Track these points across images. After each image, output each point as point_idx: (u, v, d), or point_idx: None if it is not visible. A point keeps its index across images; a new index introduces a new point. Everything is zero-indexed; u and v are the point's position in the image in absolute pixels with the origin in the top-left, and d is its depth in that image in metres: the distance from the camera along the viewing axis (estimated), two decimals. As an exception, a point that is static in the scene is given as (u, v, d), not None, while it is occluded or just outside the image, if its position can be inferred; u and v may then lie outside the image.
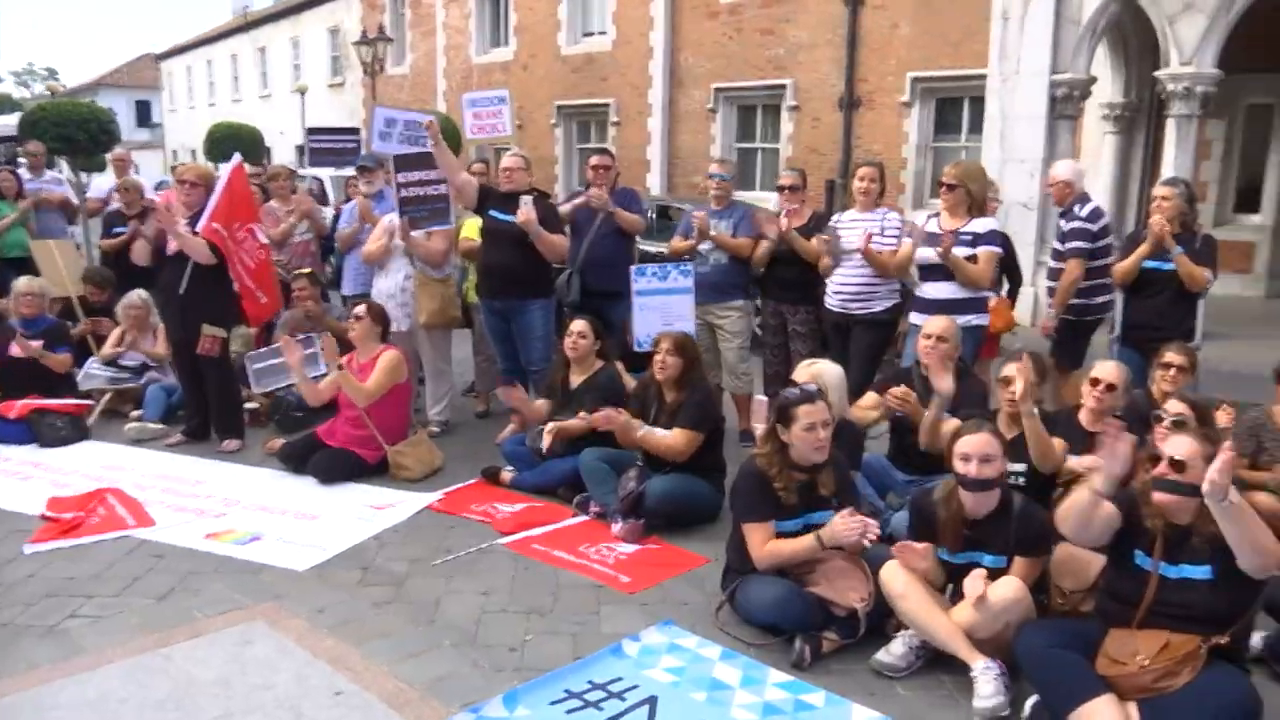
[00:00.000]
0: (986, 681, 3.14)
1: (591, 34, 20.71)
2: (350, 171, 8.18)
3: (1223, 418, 4.36)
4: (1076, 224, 5.67)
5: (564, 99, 21.08)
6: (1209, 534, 2.90)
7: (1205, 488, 2.77)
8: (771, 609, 3.59)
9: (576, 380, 5.37)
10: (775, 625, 3.59)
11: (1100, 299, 5.79)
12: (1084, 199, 5.86)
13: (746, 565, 3.75)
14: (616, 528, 4.64)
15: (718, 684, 3.32)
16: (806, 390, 3.79)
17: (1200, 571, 2.95)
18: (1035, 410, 4.03)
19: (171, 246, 5.75)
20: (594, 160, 6.37)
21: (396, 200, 6.04)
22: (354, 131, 10.02)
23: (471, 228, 6.46)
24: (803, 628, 3.49)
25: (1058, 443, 4.15)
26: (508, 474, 5.39)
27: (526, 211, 5.63)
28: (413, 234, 6.05)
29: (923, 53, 15.43)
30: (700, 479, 4.78)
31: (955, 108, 15.66)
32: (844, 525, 3.49)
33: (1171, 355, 4.58)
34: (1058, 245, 5.85)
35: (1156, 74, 10.51)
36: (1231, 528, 2.80)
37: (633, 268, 5.93)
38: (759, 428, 4.19)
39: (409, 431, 5.80)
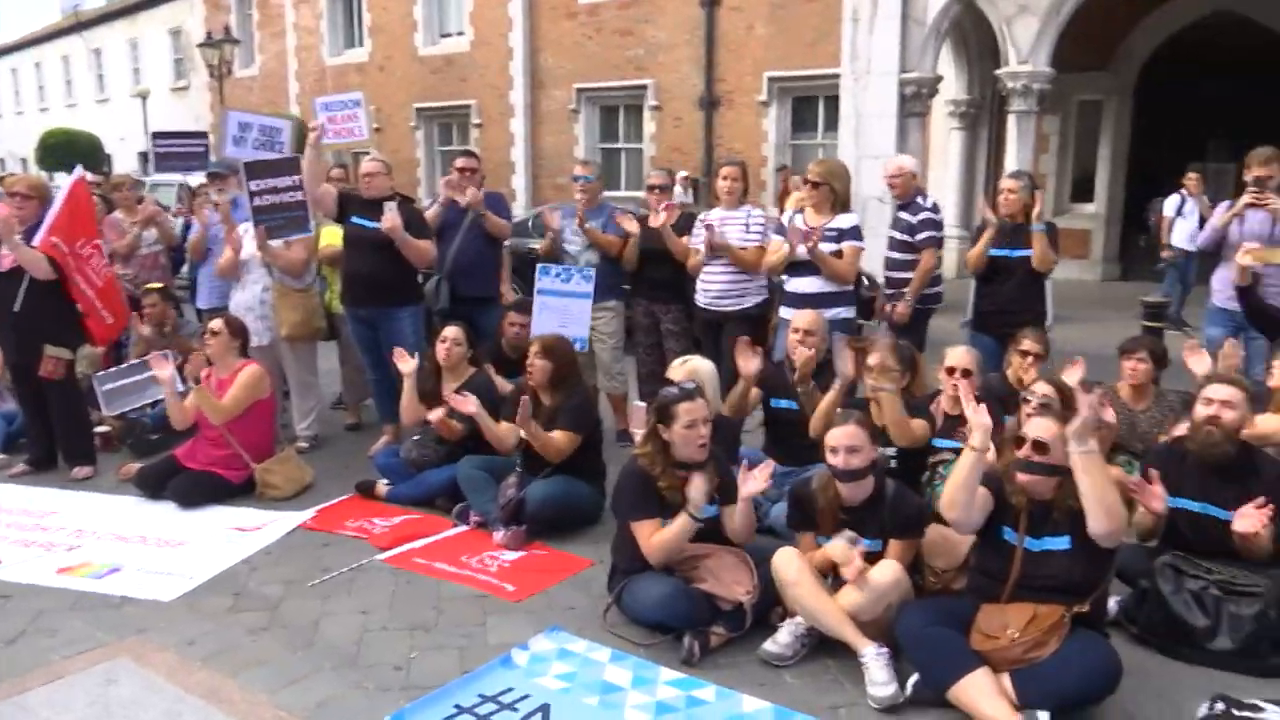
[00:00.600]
0: (879, 668, 3.22)
1: (449, 35, 20.41)
2: (200, 179, 7.79)
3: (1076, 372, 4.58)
4: (925, 215, 5.88)
5: (423, 101, 20.70)
6: (1067, 508, 3.08)
7: (1072, 429, 2.95)
8: (659, 607, 3.60)
9: (449, 388, 5.26)
10: (663, 623, 3.60)
11: (935, 289, 6.07)
12: (922, 192, 6.10)
13: (632, 565, 3.75)
14: (498, 536, 4.57)
15: (609, 687, 3.31)
16: (685, 388, 3.82)
17: (1060, 543, 3.12)
18: (893, 389, 4.19)
19: (4, 262, 5.34)
20: (459, 162, 6.26)
21: (250, 209, 5.78)
22: (202, 135, 9.57)
23: (332, 235, 6.26)
24: (690, 624, 3.51)
25: (919, 423, 4.32)
26: (383, 487, 5.24)
27: (391, 218, 5.48)
28: (270, 243, 5.81)
29: (778, 53, 15.85)
30: (580, 481, 4.75)
31: (811, 106, 16.14)
32: (696, 487, 3.58)
33: (1028, 343, 4.82)
34: (900, 236, 6.01)
35: (997, 73, 11.09)
36: (1087, 479, 2.98)
37: (539, 266, 5.88)
38: (638, 431, 4.20)
39: (276, 448, 5.56)
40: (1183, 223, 10.19)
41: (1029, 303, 5.50)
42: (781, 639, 3.47)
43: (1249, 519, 3.50)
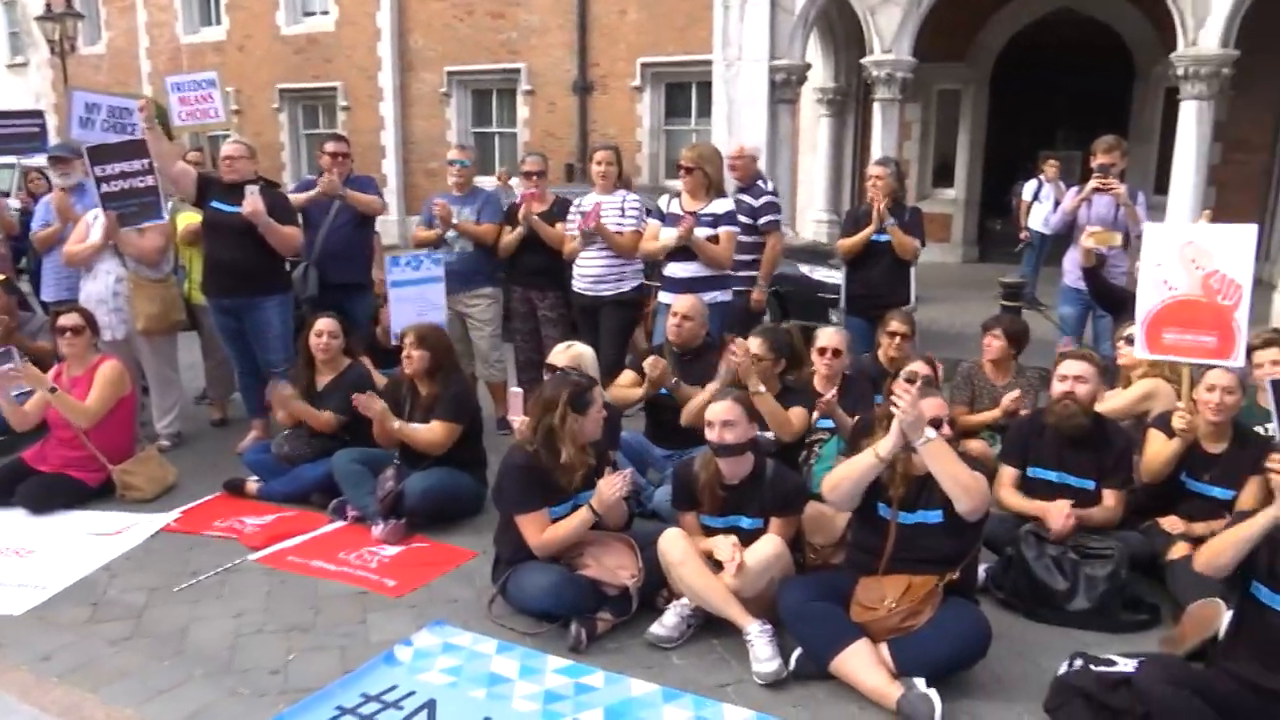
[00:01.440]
0: (764, 645, 3.29)
1: (312, 13, 19.64)
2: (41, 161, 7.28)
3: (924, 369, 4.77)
4: (767, 199, 5.93)
5: (287, 82, 19.87)
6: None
7: (907, 426, 3.06)
8: (544, 596, 3.58)
9: (324, 380, 5.10)
10: (550, 612, 3.58)
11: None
12: (762, 175, 6.21)
13: (517, 555, 3.72)
14: (377, 530, 4.45)
15: (496, 678, 3.28)
16: (586, 375, 3.86)
17: (933, 516, 3.25)
18: (762, 387, 4.25)
19: None
20: (329, 147, 6.04)
21: (98, 195, 5.44)
22: (37, 115, 8.91)
23: (191, 218, 5.96)
24: (577, 611, 3.51)
25: (797, 413, 4.41)
26: (253, 484, 5.03)
27: (253, 202, 5.24)
28: (122, 231, 5.48)
29: (651, 38, 15.89)
30: (461, 472, 4.68)
31: (684, 92, 16.26)
32: (609, 485, 3.59)
33: (896, 324, 5.00)
34: (742, 219, 5.81)
35: (862, 61, 11.40)
36: (936, 465, 3.11)
37: (388, 257, 5.71)
38: (516, 419, 4.16)
39: (136, 448, 5.27)
40: (1039, 207, 10.73)
41: (896, 286, 5.71)
42: (668, 621, 3.50)
43: (1057, 518, 3.81)
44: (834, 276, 7.93)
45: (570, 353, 4.52)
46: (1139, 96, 13.83)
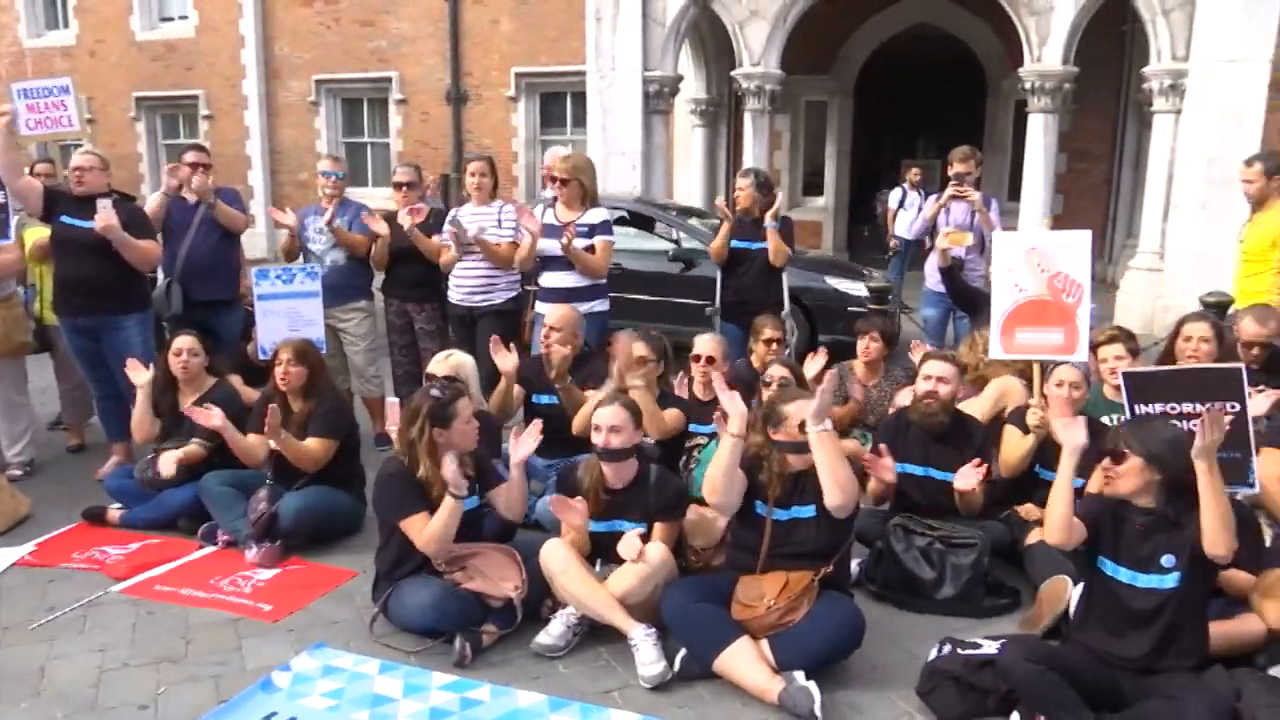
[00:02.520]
0: (648, 648, 3.33)
1: (170, 19, 18.83)
2: None
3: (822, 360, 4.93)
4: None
5: (144, 90, 18.98)
6: (814, 478, 3.30)
7: (811, 410, 3.18)
8: (427, 612, 3.53)
9: (187, 401, 4.89)
10: (433, 628, 3.53)
11: None
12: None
13: (397, 572, 3.66)
14: (251, 554, 4.31)
15: (380, 699, 3.22)
16: (453, 384, 3.81)
17: (806, 511, 3.35)
18: (641, 383, 4.33)
19: None
20: (189, 157, 5.81)
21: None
22: None
23: (38, 233, 5.64)
24: (461, 626, 3.48)
25: (671, 414, 4.49)
26: (115, 512, 4.79)
27: (106, 216, 4.98)
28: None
29: (524, 48, 15.87)
30: (338, 490, 4.57)
31: (559, 102, 16.29)
32: (447, 468, 3.52)
33: (768, 329, 5.15)
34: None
35: (733, 74, 11.68)
36: (823, 454, 3.21)
37: (255, 270, 5.52)
38: (394, 429, 4.10)
39: (-19, 479, 4.95)
40: (904, 214, 11.19)
41: (768, 291, 5.86)
42: (554, 630, 3.51)
43: (967, 477, 3.93)
44: (860, 289, 7.94)
45: (450, 362, 4.48)
46: (992, 109, 14.60)
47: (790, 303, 6.09)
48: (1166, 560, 2.95)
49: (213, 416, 4.43)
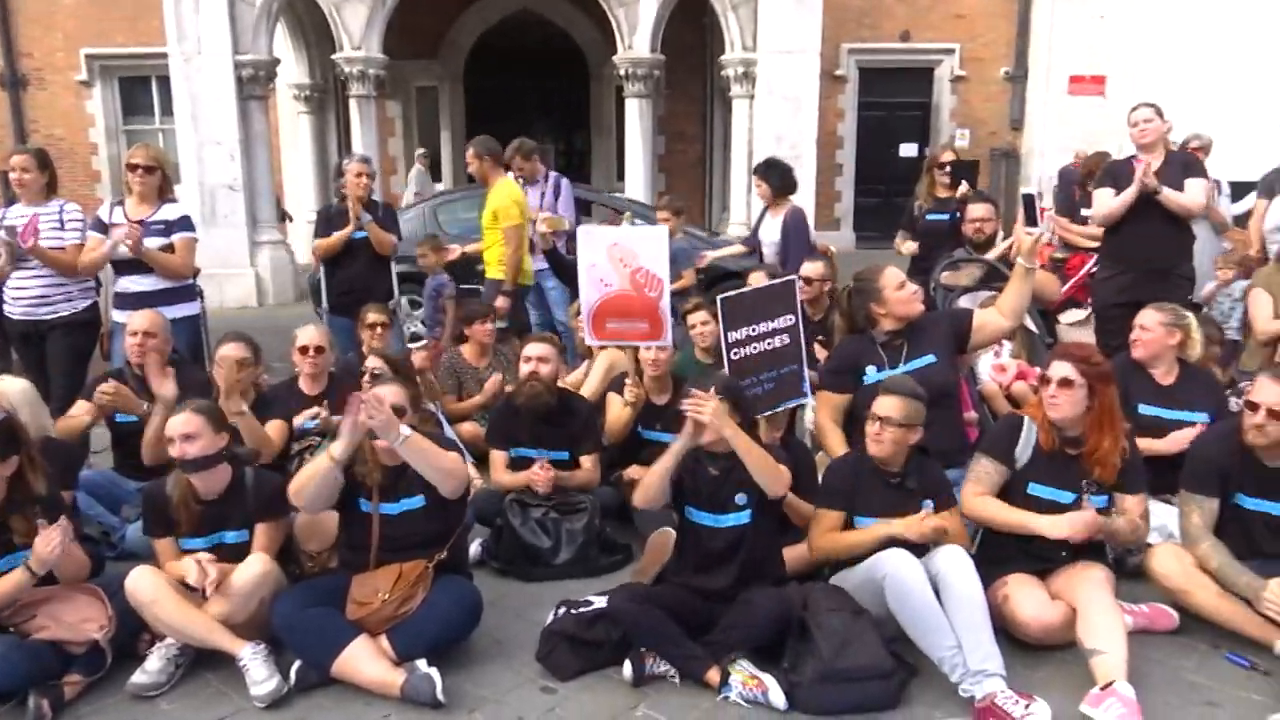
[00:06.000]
0: (258, 666, 3.15)
1: None
2: None
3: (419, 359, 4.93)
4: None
5: None
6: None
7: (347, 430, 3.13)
8: (-10, 673, 3.08)
9: None
10: (1, 690, 3.09)
11: None
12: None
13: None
14: None
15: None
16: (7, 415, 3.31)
17: (415, 502, 3.34)
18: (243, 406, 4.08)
19: None
20: None
21: None
22: None
23: None
24: (33, 682, 3.07)
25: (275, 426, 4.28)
26: None
27: None
28: None
29: (95, 28, 14.22)
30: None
31: (144, 87, 14.78)
32: (44, 541, 3.07)
33: (374, 316, 5.05)
34: None
35: (334, 57, 11.25)
36: (414, 459, 3.20)
37: None
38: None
39: None
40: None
41: (377, 281, 5.76)
42: (151, 667, 3.21)
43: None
44: None
45: (-2, 390, 3.90)
46: (595, 95, 15.34)
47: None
48: (740, 498, 3.30)
49: None
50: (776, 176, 6.16)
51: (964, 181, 6.20)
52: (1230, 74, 12.52)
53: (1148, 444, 3.86)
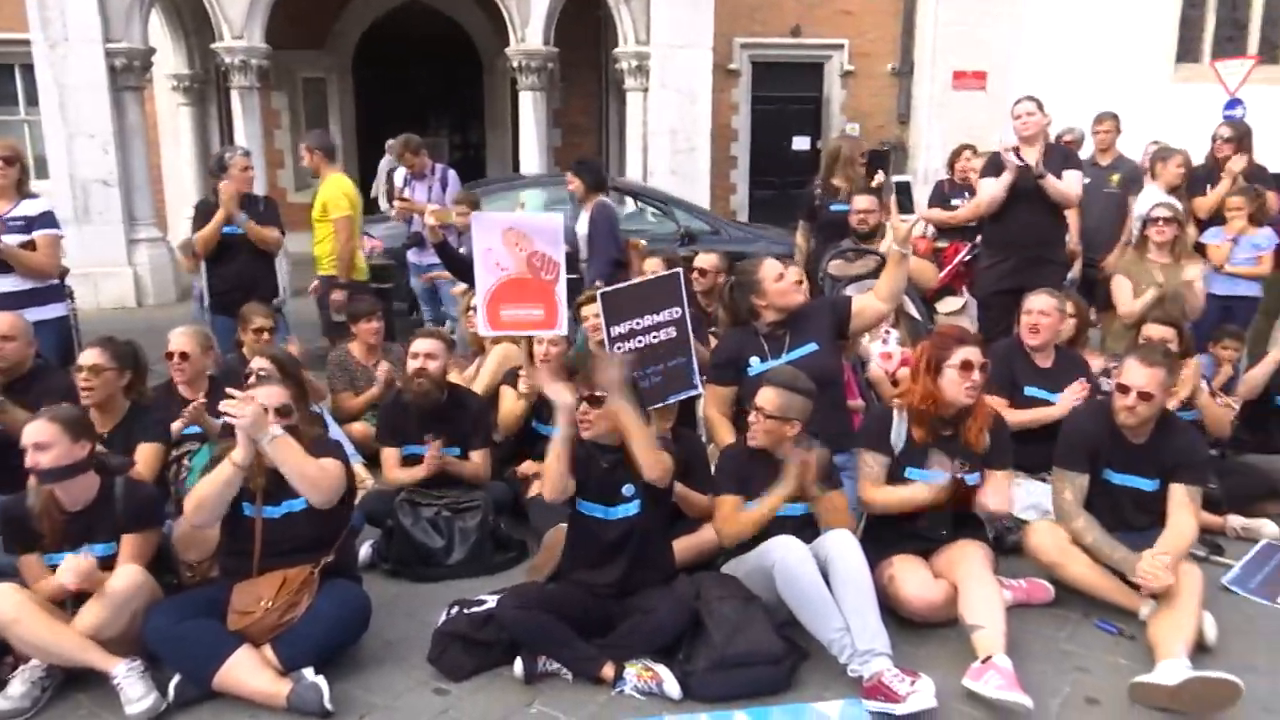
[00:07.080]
0: (133, 684, 3.01)
1: None
2: None
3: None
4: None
5: None
6: None
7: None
8: None
9: None
10: None
11: None
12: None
13: None
14: None
15: None
16: None
17: (299, 504, 3.23)
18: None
19: None
20: None
21: None
22: None
23: None
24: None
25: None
26: None
27: None
28: None
29: (-55, 11, 13.32)
30: None
31: (7, 76, 13.97)
32: None
33: (260, 321, 4.92)
34: None
35: (213, 47, 10.81)
36: (280, 460, 3.12)
37: None
38: None
39: None
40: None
41: (261, 279, 5.58)
42: (14, 691, 3.03)
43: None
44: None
45: None
46: (489, 87, 15.14)
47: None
48: (627, 490, 3.30)
49: None
50: (589, 175, 6.28)
51: (880, 171, 6.57)
52: (1103, 70, 13.12)
53: (1036, 414, 4.34)
